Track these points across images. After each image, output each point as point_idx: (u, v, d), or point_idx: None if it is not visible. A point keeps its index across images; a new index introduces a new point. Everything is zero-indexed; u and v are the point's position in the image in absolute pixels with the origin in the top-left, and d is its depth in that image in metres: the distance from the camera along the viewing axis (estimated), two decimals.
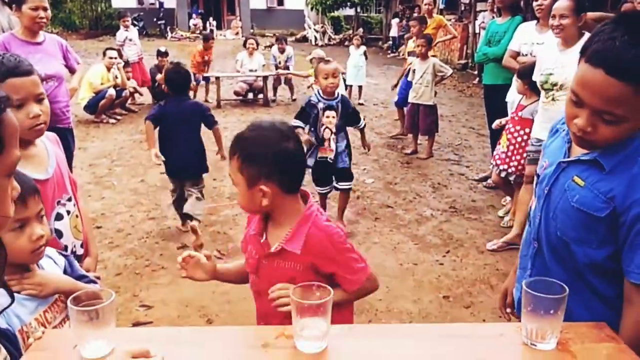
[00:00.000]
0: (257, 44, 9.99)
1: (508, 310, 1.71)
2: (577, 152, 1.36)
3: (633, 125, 1.22)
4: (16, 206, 1.34)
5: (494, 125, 4.72)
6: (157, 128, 4.00)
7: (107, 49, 8.45)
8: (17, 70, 1.62)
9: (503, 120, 4.54)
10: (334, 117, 3.97)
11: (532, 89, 4.00)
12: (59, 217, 1.81)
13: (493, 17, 8.09)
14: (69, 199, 1.87)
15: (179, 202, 4.24)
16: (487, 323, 1.26)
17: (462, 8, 16.00)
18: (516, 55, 4.60)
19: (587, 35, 3.48)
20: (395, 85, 7.67)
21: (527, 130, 4.06)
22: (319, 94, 3.99)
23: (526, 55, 4.50)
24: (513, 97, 4.50)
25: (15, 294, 1.34)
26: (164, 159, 3.95)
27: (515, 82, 4.27)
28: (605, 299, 1.36)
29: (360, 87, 9.89)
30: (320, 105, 3.95)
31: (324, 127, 4.00)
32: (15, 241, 1.34)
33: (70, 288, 1.43)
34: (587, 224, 1.30)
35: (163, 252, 3.95)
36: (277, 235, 1.53)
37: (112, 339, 1.17)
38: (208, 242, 4.11)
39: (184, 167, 4.07)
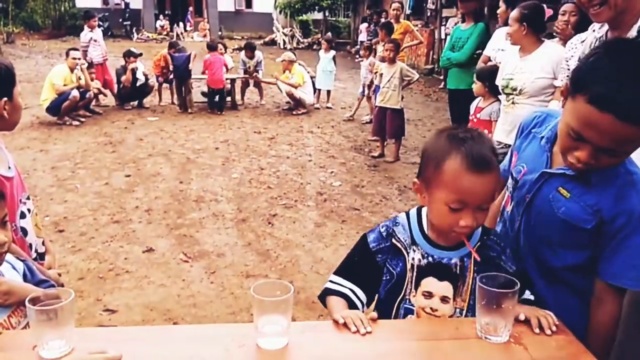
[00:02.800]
0: (225, 48, 9.94)
1: None
2: (559, 162, 1.39)
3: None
4: None
5: None
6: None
7: (70, 49, 8.27)
8: None
9: None
10: (446, 300, 1.39)
11: (490, 91, 4.17)
12: (23, 215, 1.79)
13: (457, 23, 8.26)
14: (28, 198, 1.85)
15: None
16: (444, 318, 1.30)
17: (428, 14, 16.26)
18: (487, 60, 4.74)
19: (546, 42, 3.62)
20: (374, 91, 7.74)
21: (485, 132, 4.22)
22: (419, 228, 1.43)
23: (492, 60, 4.65)
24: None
25: None
26: None
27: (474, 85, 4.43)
28: (571, 287, 1.43)
29: (328, 92, 9.96)
30: (415, 257, 1.40)
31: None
32: None
33: None
34: (572, 233, 1.36)
35: (127, 256, 3.89)
36: None
37: (72, 339, 1.16)
38: (174, 245, 4.08)
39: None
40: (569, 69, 2.91)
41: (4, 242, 1.38)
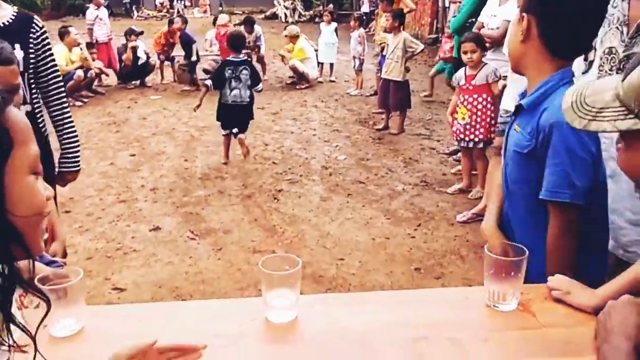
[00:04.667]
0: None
1: None
2: None
3: None
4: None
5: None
6: None
7: (64, 27, 8.10)
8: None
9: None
10: None
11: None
12: None
13: None
14: None
15: None
16: (453, 287, 1.30)
17: None
18: (481, 26, 4.63)
19: None
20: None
21: (484, 95, 4.23)
22: None
23: (484, 27, 4.53)
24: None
25: None
26: None
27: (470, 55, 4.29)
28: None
29: (331, 65, 9.85)
30: None
31: None
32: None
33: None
34: (522, 164, 1.45)
35: (134, 235, 3.92)
36: None
37: (82, 317, 1.17)
38: (181, 223, 4.10)
39: None
40: None
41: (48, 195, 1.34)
